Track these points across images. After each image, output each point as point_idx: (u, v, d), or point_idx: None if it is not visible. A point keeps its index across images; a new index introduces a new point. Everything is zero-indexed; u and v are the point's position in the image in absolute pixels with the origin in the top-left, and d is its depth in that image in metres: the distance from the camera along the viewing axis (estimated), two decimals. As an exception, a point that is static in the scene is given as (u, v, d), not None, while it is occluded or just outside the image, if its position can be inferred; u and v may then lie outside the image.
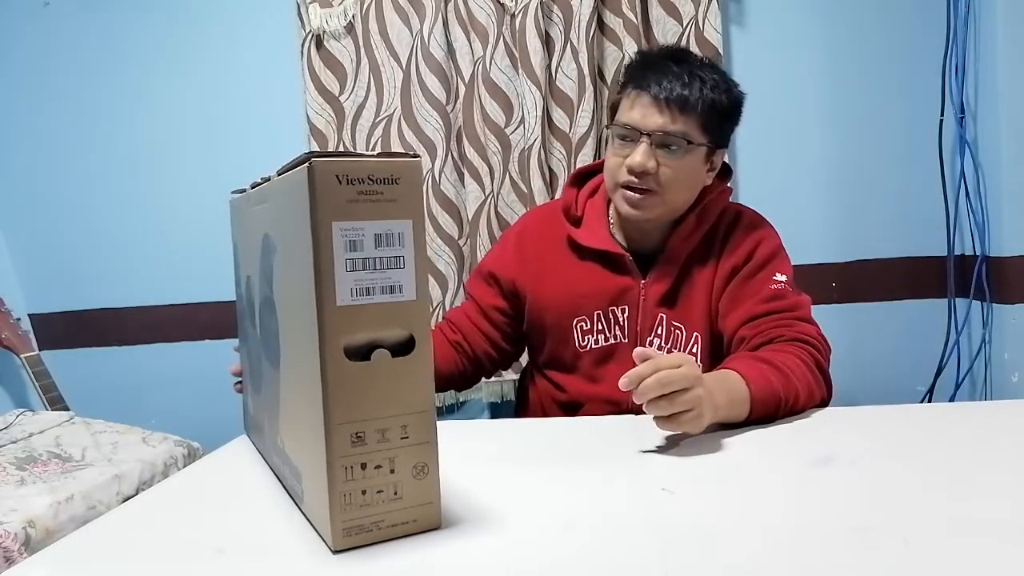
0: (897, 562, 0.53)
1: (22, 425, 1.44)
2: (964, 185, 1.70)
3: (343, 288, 0.56)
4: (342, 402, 0.57)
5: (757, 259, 1.09)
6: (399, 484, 0.59)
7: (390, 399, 0.58)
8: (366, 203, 0.56)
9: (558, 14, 1.73)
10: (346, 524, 0.58)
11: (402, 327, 0.58)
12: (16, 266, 2.00)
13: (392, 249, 0.57)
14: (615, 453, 0.81)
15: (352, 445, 0.57)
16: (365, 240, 0.56)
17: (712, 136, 1.06)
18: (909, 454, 0.77)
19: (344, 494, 0.57)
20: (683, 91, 1.02)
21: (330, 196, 0.55)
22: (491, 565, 0.56)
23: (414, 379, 0.59)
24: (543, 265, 1.18)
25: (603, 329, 1.13)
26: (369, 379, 0.57)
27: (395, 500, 0.59)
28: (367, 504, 0.58)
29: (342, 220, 0.55)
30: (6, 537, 1.01)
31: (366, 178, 0.56)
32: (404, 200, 0.57)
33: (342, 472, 0.57)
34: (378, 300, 0.57)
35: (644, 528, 0.62)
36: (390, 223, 0.57)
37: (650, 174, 1.04)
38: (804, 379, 0.93)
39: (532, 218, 1.26)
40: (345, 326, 0.56)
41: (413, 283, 0.58)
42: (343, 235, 0.55)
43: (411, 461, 0.59)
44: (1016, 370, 1.63)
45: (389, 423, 0.58)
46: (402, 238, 0.57)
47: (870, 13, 1.76)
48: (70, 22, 1.91)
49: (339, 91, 1.81)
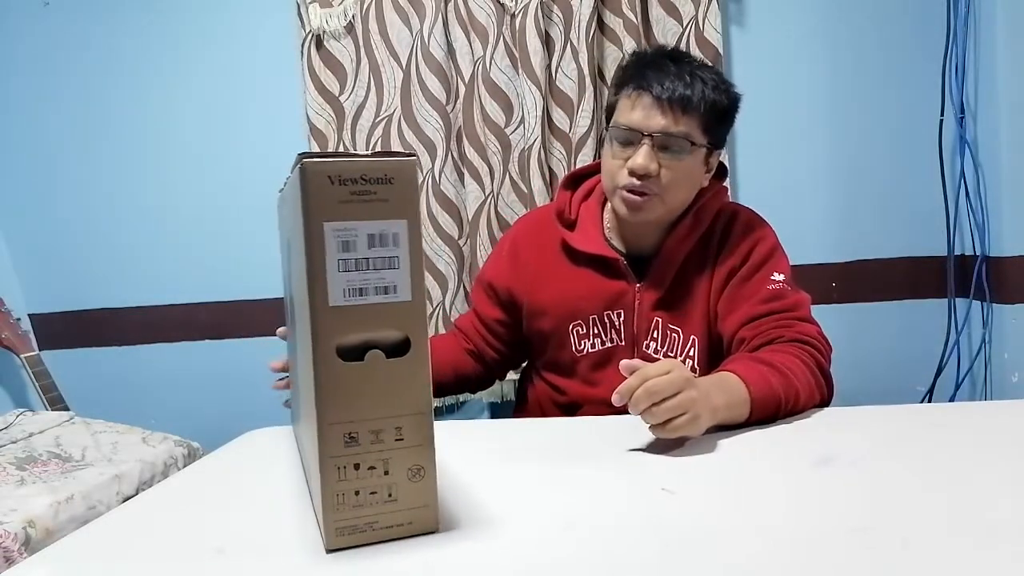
0: (897, 562, 0.53)
1: (22, 425, 1.44)
2: (964, 185, 1.70)
3: (336, 288, 0.56)
4: (334, 402, 0.57)
5: (754, 259, 1.08)
6: (394, 486, 0.59)
7: (384, 400, 0.58)
8: (360, 203, 0.56)
9: (558, 14, 1.73)
10: (339, 524, 0.58)
11: (397, 328, 0.58)
12: (16, 266, 2.00)
13: (386, 249, 0.57)
14: (615, 453, 0.81)
15: (345, 445, 0.57)
16: (358, 240, 0.56)
17: (711, 137, 1.06)
18: (909, 454, 0.77)
19: (337, 494, 0.57)
20: (685, 91, 1.01)
21: (322, 197, 0.55)
22: (488, 567, 0.56)
23: (409, 380, 0.58)
24: (538, 271, 1.18)
25: (599, 333, 1.13)
26: (363, 380, 0.57)
27: (390, 502, 0.59)
28: (360, 505, 0.58)
29: (335, 220, 0.55)
30: (6, 537, 1.01)
31: (359, 178, 0.55)
32: (398, 200, 0.56)
33: (335, 472, 0.57)
34: (372, 301, 0.57)
35: (644, 528, 0.62)
36: (384, 223, 0.56)
37: (652, 176, 1.03)
38: (804, 379, 0.93)
39: (525, 224, 1.26)
40: (338, 326, 0.56)
41: (408, 284, 0.57)
42: (336, 235, 0.56)
43: (406, 463, 0.59)
44: (1016, 370, 1.63)
45: (383, 424, 0.58)
46: (396, 238, 0.57)
47: (870, 13, 1.76)
48: (70, 22, 1.91)
49: (339, 91, 1.81)
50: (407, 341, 0.58)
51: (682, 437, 0.82)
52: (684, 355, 1.10)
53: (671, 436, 0.79)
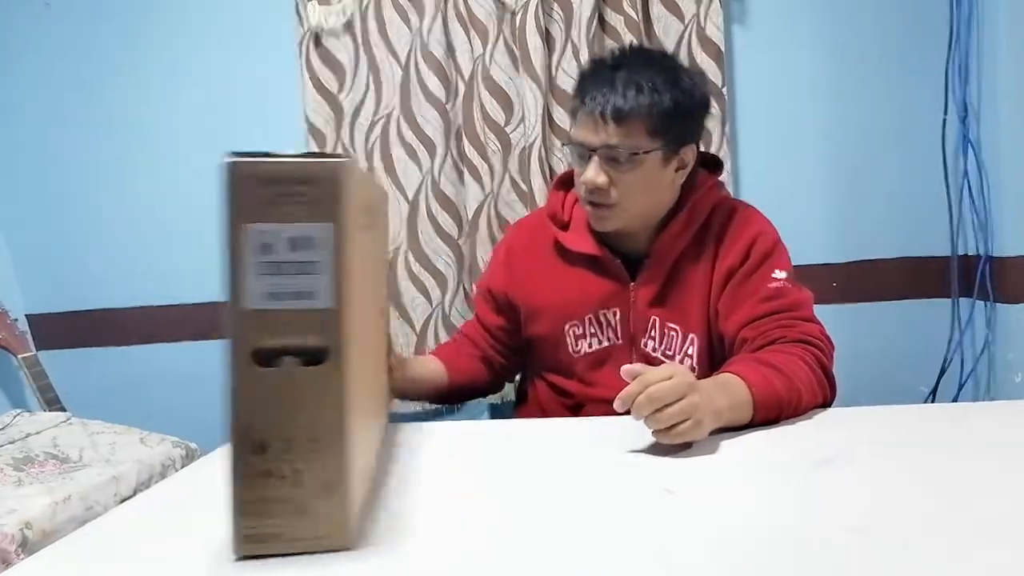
0: (897, 562, 0.53)
1: (19, 426, 1.44)
2: (967, 185, 1.70)
3: (252, 291, 0.55)
4: (244, 407, 0.55)
5: (754, 257, 1.06)
6: (304, 498, 0.56)
7: (298, 409, 0.55)
8: (286, 205, 0.54)
9: (559, 12, 1.73)
10: (247, 531, 0.56)
11: (315, 335, 0.55)
12: (14, 266, 2.00)
13: (308, 253, 0.55)
14: (615, 453, 0.81)
15: (253, 453, 0.55)
16: (280, 244, 0.54)
17: (666, 137, 1.02)
18: (911, 454, 0.77)
19: (246, 501, 0.56)
20: (619, 101, 0.99)
21: (244, 197, 0.54)
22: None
23: (325, 391, 0.56)
24: (532, 274, 1.18)
25: (596, 333, 1.13)
26: (276, 386, 0.55)
27: (300, 515, 0.56)
28: (269, 515, 0.56)
29: (256, 222, 0.54)
30: (3, 538, 1.01)
31: (285, 179, 0.54)
32: (324, 203, 0.54)
33: (242, 479, 0.55)
34: (290, 306, 0.55)
35: (645, 528, 0.61)
36: (307, 227, 0.54)
37: (603, 189, 1.03)
38: (807, 381, 0.92)
39: (519, 229, 1.27)
40: (253, 330, 0.55)
41: (329, 290, 0.55)
42: (257, 237, 0.54)
43: (319, 476, 0.56)
44: (1020, 370, 1.63)
45: (295, 434, 0.55)
46: (319, 242, 0.55)
47: (872, 12, 1.75)
48: (70, 22, 1.91)
49: (338, 89, 1.81)
50: (326, 350, 0.56)
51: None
52: (683, 353, 1.10)
53: (675, 442, 0.78)
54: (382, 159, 1.81)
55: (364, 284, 0.66)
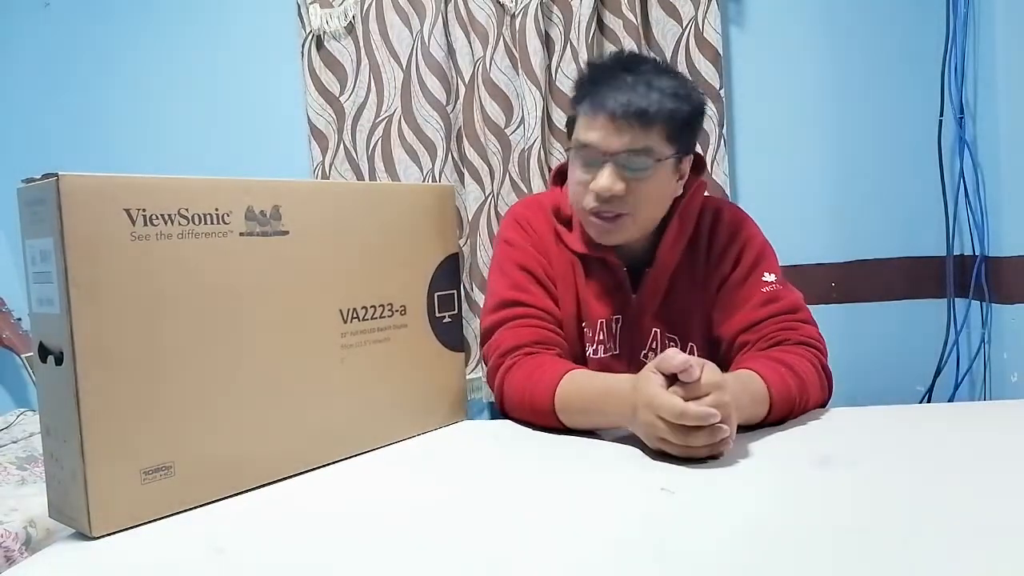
0: (897, 562, 0.53)
1: (23, 425, 1.45)
2: (963, 185, 1.70)
3: (31, 296, 0.66)
4: (39, 392, 0.68)
5: (745, 263, 1.05)
6: (68, 480, 0.65)
7: (56, 402, 0.64)
8: (39, 223, 0.63)
9: (558, 14, 1.74)
10: (50, 501, 0.68)
11: (56, 338, 0.63)
12: (17, 266, 2.00)
13: (47, 264, 0.63)
14: (615, 453, 0.81)
15: (46, 434, 0.67)
16: (37, 256, 0.64)
17: (678, 146, 0.99)
18: (908, 454, 0.77)
19: (46, 475, 0.68)
20: (642, 104, 0.93)
21: (22, 216, 0.65)
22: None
23: (61, 390, 0.63)
24: (551, 260, 1.10)
25: (603, 340, 1.10)
26: (41, 380, 0.67)
27: (67, 495, 0.65)
28: (56, 489, 0.67)
29: (28, 238, 0.65)
30: (7, 537, 1.02)
31: (31, 201, 0.64)
32: (49, 220, 0.62)
33: (45, 455, 0.68)
34: (41, 311, 0.65)
35: (644, 528, 0.62)
36: (42, 241, 0.63)
37: (619, 197, 0.96)
38: (814, 383, 0.93)
39: (524, 209, 1.15)
40: (35, 329, 0.66)
41: (56, 298, 0.62)
42: (28, 250, 0.65)
43: (70, 464, 0.64)
44: (1015, 370, 1.63)
45: (55, 423, 0.65)
46: (50, 255, 0.63)
47: (869, 13, 1.76)
48: (70, 22, 1.92)
49: (339, 91, 1.82)
50: (60, 352, 0.63)
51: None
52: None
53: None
54: (383, 160, 1.82)
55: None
